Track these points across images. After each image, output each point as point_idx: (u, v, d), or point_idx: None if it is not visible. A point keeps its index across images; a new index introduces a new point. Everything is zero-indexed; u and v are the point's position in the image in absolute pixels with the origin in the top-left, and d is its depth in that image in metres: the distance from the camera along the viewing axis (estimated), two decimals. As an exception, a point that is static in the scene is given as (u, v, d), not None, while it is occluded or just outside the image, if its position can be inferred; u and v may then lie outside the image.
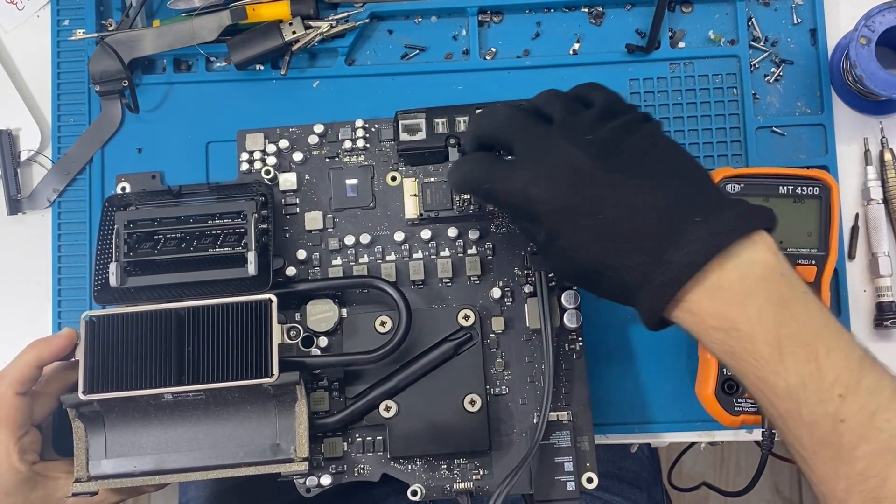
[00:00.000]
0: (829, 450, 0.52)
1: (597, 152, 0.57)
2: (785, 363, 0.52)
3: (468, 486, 0.70)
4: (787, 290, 0.54)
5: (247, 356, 0.65)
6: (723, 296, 0.53)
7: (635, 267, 0.55)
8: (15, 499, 0.65)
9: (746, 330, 0.53)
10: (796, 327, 0.53)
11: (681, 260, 0.53)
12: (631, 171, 0.56)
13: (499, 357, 0.71)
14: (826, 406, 0.51)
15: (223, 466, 0.67)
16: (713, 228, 0.53)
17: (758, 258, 0.54)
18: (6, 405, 0.64)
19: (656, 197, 0.55)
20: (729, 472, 1.60)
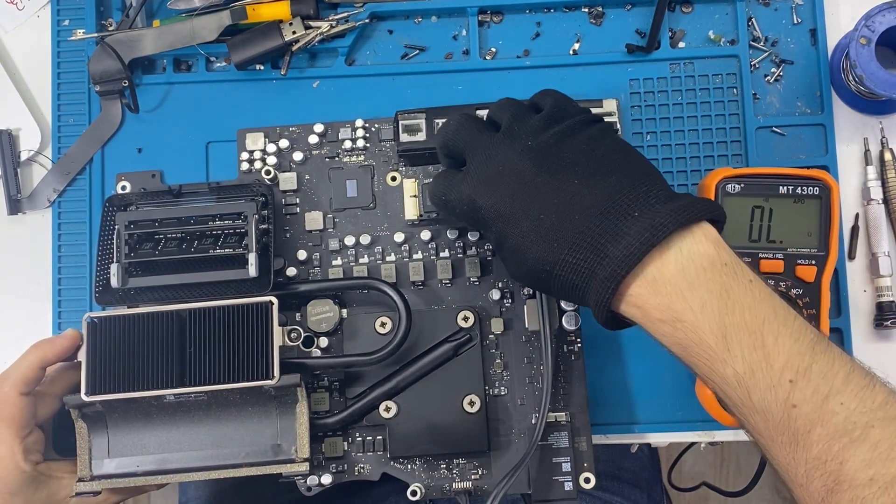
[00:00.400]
0: (784, 436, 0.52)
1: (536, 157, 0.59)
2: (731, 351, 0.53)
3: (467, 485, 0.70)
4: (730, 279, 0.54)
5: (248, 358, 0.65)
6: (665, 288, 0.54)
7: (579, 263, 0.56)
8: (19, 498, 0.65)
9: (691, 321, 0.53)
10: (741, 315, 0.53)
11: (618, 253, 0.54)
12: (569, 173, 0.58)
13: (498, 358, 0.71)
14: (777, 392, 0.52)
15: (225, 466, 0.67)
16: (650, 222, 0.54)
17: (698, 249, 0.54)
18: (10, 405, 0.64)
19: (594, 195, 0.57)
20: (729, 472, 1.60)
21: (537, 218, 0.58)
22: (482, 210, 0.60)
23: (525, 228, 0.58)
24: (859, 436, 0.50)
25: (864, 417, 0.50)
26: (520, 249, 0.58)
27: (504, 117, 0.62)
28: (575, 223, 0.56)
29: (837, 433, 0.51)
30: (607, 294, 0.55)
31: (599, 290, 0.55)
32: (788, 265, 0.70)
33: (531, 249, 0.58)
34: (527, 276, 0.60)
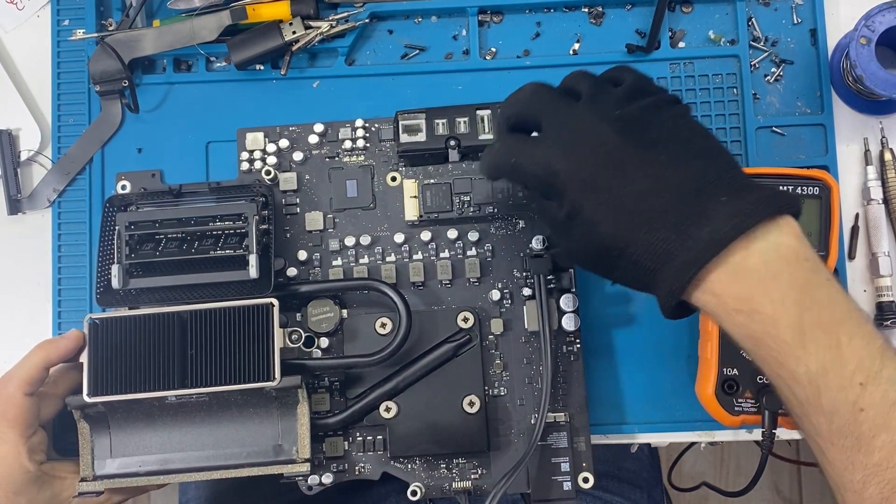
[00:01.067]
0: (847, 439, 0.51)
1: (623, 127, 0.56)
2: (807, 348, 0.51)
3: (467, 485, 0.70)
4: (811, 275, 0.53)
5: (249, 360, 0.65)
6: (746, 278, 0.52)
7: (657, 244, 0.54)
8: (23, 498, 0.65)
9: (769, 313, 0.52)
10: (819, 313, 0.52)
11: (704, 237, 0.52)
12: (657, 148, 0.56)
13: (497, 359, 0.71)
14: (846, 394, 0.51)
15: (226, 467, 0.67)
16: (738, 208, 0.52)
17: (783, 241, 0.53)
18: (15, 406, 0.64)
19: (681, 174, 0.55)
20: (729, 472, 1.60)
21: (620, 190, 0.55)
22: (560, 175, 0.56)
23: (605, 200, 0.55)
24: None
25: None
26: (593, 222, 0.56)
27: (584, 86, 0.59)
28: (659, 201, 0.54)
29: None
30: (686, 278, 0.53)
31: (678, 273, 0.53)
32: (788, 265, 0.70)
33: (606, 223, 0.55)
34: (594, 253, 0.57)
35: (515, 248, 0.73)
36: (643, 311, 0.75)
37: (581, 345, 0.71)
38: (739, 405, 0.69)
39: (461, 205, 0.72)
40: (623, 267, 0.56)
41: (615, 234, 0.55)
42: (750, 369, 0.69)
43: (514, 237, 0.73)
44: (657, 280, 0.55)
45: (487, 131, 0.72)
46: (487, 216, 0.72)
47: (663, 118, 0.58)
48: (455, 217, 0.72)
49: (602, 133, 0.56)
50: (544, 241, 0.71)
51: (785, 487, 1.61)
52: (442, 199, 0.72)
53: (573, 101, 0.59)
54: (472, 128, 0.72)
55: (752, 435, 0.75)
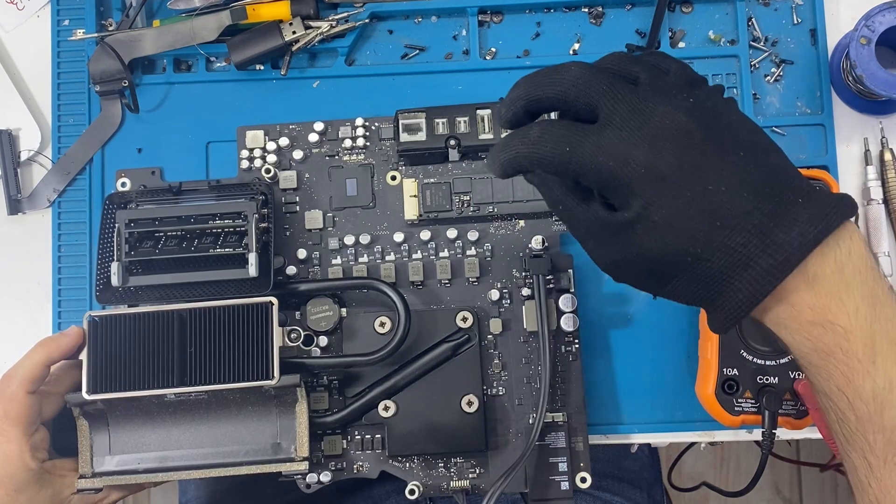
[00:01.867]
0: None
1: (701, 117, 0.49)
2: (876, 363, 0.48)
3: (464, 484, 0.70)
4: (877, 285, 0.49)
5: (248, 358, 0.66)
6: (822, 287, 0.48)
7: (737, 249, 0.48)
8: (24, 496, 0.65)
9: (844, 325, 0.48)
10: (886, 325, 0.49)
11: (790, 242, 0.47)
12: (733, 143, 0.49)
13: (496, 358, 0.71)
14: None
15: (225, 465, 0.67)
16: (819, 210, 0.48)
17: (854, 248, 0.49)
18: (17, 404, 0.64)
19: (759, 173, 0.49)
20: (729, 472, 1.60)
21: (704, 189, 0.48)
22: (633, 167, 0.48)
23: (686, 199, 0.48)
24: None
25: None
26: (670, 225, 0.48)
27: (640, 71, 0.51)
28: (743, 201, 0.47)
29: None
30: (768, 287, 0.48)
31: (757, 281, 0.48)
32: (788, 265, 0.70)
33: (685, 226, 0.48)
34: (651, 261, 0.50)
35: (515, 248, 0.73)
36: (642, 312, 0.75)
37: (580, 345, 0.72)
38: (739, 405, 0.69)
39: (461, 204, 0.72)
40: (687, 277, 0.50)
41: (693, 238, 0.48)
42: (750, 369, 0.69)
43: (513, 237, 0.73)
44: (730, 290, 0.49)
45: (487, 131, 0.72)
46: (487, 216, 0.73)
47: (730, 110, 0.51)
48: (454, 216, 0.72)
49: (682, 122, 0.49)
50: (543, 242, 0.71)
51: (785, 487, 1.61)
52: (442, 198, 0.72)
53: (634, 86, 0.51)
54: (472, 127, 0.72)
55: (752, 435, 0.75)
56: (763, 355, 0.69)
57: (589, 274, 0.75)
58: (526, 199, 0.72)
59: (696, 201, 0.48)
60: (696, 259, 0.48)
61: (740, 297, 0.49)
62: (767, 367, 0.69)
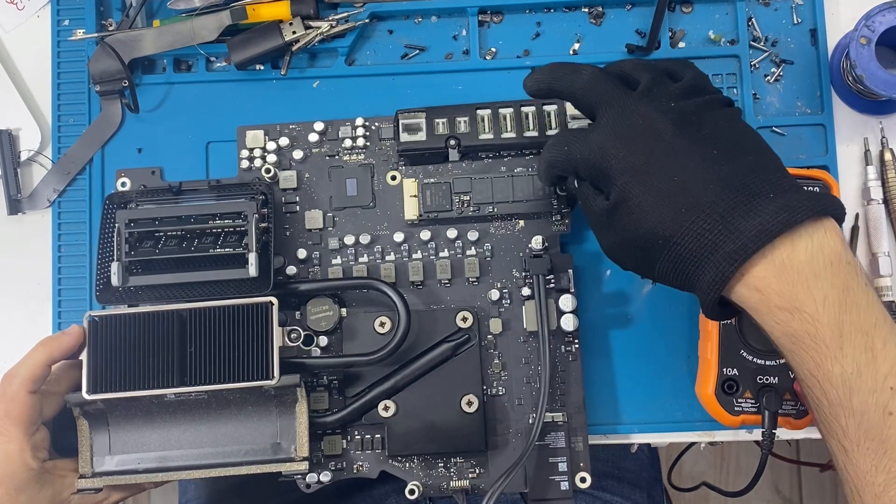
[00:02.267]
0: (873, 442, 0.52)
1: (678, 119, 0.58)
2: (843, 349, 0.52)
3: (464, 484, 0.70)
4: (850, 278, 0.54)
5: (248, 358, 0.66)
6: (791, 275, 0.53)
7: (703, 234, 0.54)
8: (24, 495, 0.65)
9: (811, 312, 0.53)
10: (857, 315, 0.53)
11: (751, 229, 0.53)
12: (708, 143, 0.57)
13: (496, 358, 0.71)
14: (878, 396, 0.52)
15: (225, 465, 0.67)
16: (786, 204, 0.53)
17: (828, 242, 0.54)
18: (19, 403, 0.64)
19: (732, 169, 0.56)
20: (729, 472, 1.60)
21: (670, 178, 0.56)
22: (612, 160, 0.58)
23: (654, 187, 0.56)
24: None
25: None
26: (642, 209, 0.56)
27: (643, 77, 0.60)
28: (709, 191, 0.55)
29: None
30: (730, 269, 0.53)
31: (721, 264, 0.54)
32: (788, 265, 0.70)
33: (654, 210, 0.56)
34: (635, 244, 0.58)
35: (515, 248, 0.73)
36: (642, 312, 0.75)
37: (580, 345, 0.71)
38: (739, 405, 0.69)
39: (461, 204, 0.72)
40: (667, 259, 0.56)
41: (663, 221, 0.56)
42: (750, 369, 0.69)
43: (513, 237, 0.73)
44: (700, 272, 0.55)
45: (487, 131, 0.72)
46: (487, 216, 0.72)
47: (717, 116, 0.59)
48: (454, 216, 0.72)
49: (656, 122, 0.57)
50: (543, 242, 0.71)
51: (785, 487, 1.61)
52: (442, 198, 0.72)
53: (630, 91, 0.60)
54: (472, 127, 0.72)
55: (752, 435, 0.75)
56: (763, 355, 0.69)
57: (589, 274, 0.75)
58: (526, 199, 0.72)
59: (665, 190, 0.56)
60: (666, 241, 0.56)
61: (709, 279, 0.55)
62: (767, 367, 0.69)
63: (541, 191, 0.72)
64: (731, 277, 0.54)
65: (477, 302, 0.72)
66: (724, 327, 0.69)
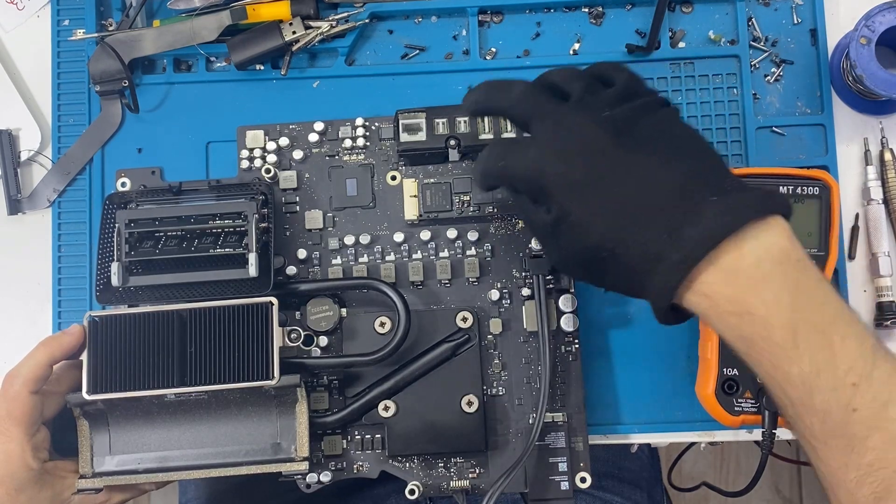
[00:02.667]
0: (840, 439, 0.51)
1: (613, 129, 0.56)
2: (799, 349, 0.51)
3: (464, 484, 0.70)
4: (802, 275, 0.53)
5: (248, 358, 0.66)
6: (739, 279, 0.52)
7: (648, 244, 0.53)
8: (24, 496, 0.65)
9: (762, 315, 0.52)
10: (811, 314, 0.52)
11: (695, 236, 0.52)
12: (646, 149, 0.55)
13: (496, 358, 0.71)
14: (839, 394, 0.51)
15: (225, 465, 0.67)
16: (729, 207, 0.52)
17: (774, 242, 0.53)
18: (21, 404, 0.64)
19: (672, 174, 0.54)
20: (729, 472, 1.60)
21: (610, 191, 0.55)
22: (550, 177, 0.56)
23: (594, 201, 0.55)
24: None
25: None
26: (583, 224, 0.55)
27: (574, 87, 0.59)
28: (650, 200, 0.54)
29: (894, 441, 0.50)
30: (677, 279, 0.53)
31: (668, 274, 0.53)
32: (788, 265, 0.70)
33: (597, 224, 0.55)
34: (581, 258, 0.57)
35: (515, 248, 0.73)
36: (642, 312, 0.75)
37: (580, 345, 0.71)
38: (739, 405, 0.69)
39: (461, 204, 0.72)
40: (614, 271, 0.56)
41: (606, 234, 0.55)
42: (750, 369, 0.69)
43: (513, 237, 0.73)
44: (649, 282, 0.54)
45: (487, 131, 0.72)
46: (487, 216, 0.73)
47: (653, 120, 0.57)
48: (455, 217, 0.72)
49: (591, 134, 0.56)
50: (544, 241, 0.71)
51: (785, 487, 1.61)
52: (442, 198, 0.72)
53: (562, 102, 0.59)
54: (472, 127, 0.72)
55: (752, 435, 0.75)
56: (763, 355, 0.69)
57: (589, 274, 0.75)
58: (526, 200, 0.72)
59: (605, 203, 0.55)
60: (611, 254, 0.55)
61: (657, 289, 0.54)
62: (767, 367, 0.69)
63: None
64: (678, 287, 0.53)
65: (477, 302, 0.72)
66: (724, 327, 0.69)
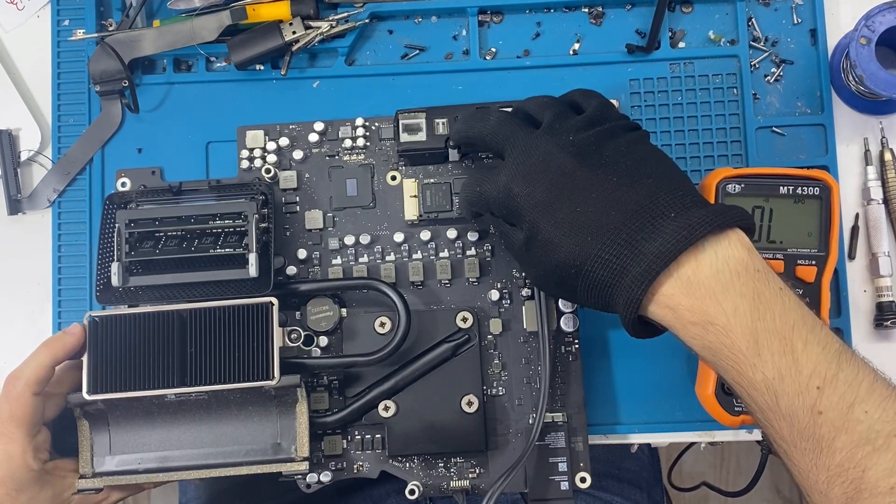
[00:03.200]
0: (808, 442, 0.52)
1: (577, 151, 0.59)
2: (762, 356, 0.53)
3: (464, 484, 0.70)
4: (762, 285, 0.55)
5: (248, 358, 0.66)
6: (698, 290, 0.54)
7: (611, 259, 0.56)
8: (24, 496, 0.65)
9: (723, 324, 0.54)
10: (772, 321, 0.53)
11: (653, 250, 0.54)
12: (609, 171, 0.59)
13: (496, 359, 0.72)
14: (804, 398, 0.52)
15: (225, 465, 0.67)
16: (686, 222, 0.55)
17: (732, 254, 0.55)
18: (23, 405, 0.64)
19: (633, 193, 0.57)
20: (729, 472, 1.60)
21: (573, 210, 0.58)
22: (518, 198, 0.60)
23: (559, 220, 0.58)
24: (882, 444, 0.51)
25: (888, 427, 0.51)
26: (551, 243, 0.58)
27: (546, 115, 0.62)
28: (611, 219, 0.56)
29: (861, 441, 0.51)
30: (639, 292, 0.55)
31: (631, 287, 0.55)
32: (789, 265, 0.70)
33: (563, 243, 0.58)
34: (553, 275, 0.60)
35: (515, 248, 0.73)
36: (643, 311, 0.75)
37: (579, 345, 0.72)
38: (739, 405, 0.69)
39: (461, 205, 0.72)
40: (583, 286, 0.58)
41: (572, 252, 0.57)
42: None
43: (513, 237, 0.73)
44: (615, 296, 0.57)
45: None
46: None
47: (618, 143, 0.60)
48: (455, 217, 0.72)
49: (557, 158, 0.59)
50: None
51: (785, 487, 1.61)
52: (442, 198, 0.72)
53: (533, 129, 0.62)
54: (471, 128, 0.72)
55: (752, 435, 0.75)
56: (763, 355, 0.69)
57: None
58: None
59: (570, 221, 0.58)
60: (578, 270, 0.57)
61: (622, 302, 0.56)
62: (767, 367, 0.69)
63: None
64: (641, 299, 0.55)
65: (477, 302, 0.72)
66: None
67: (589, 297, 0.59)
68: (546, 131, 0.61)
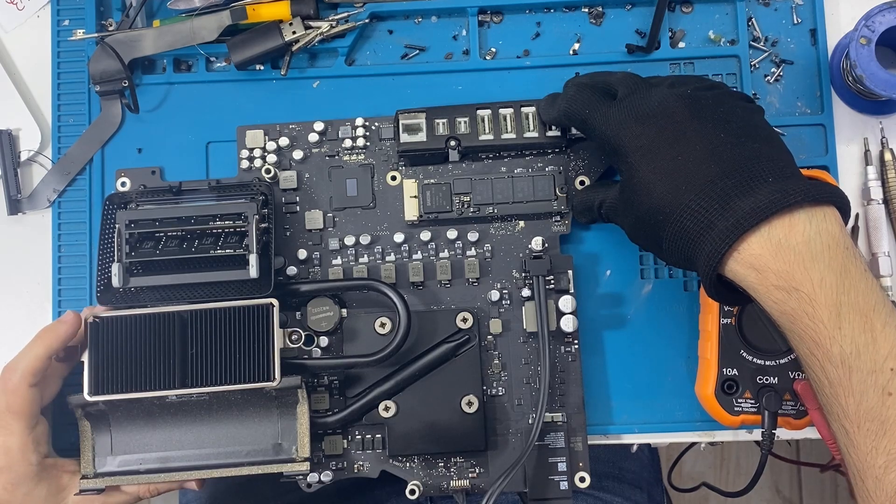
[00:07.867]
0: (873, 423, 0.53)
1: (693, 104, 0.61)
2: (842, 329, 0.53)
3: (464, 484, 0.71)
4: (849, 262, 0.55)
5: (249, 360, 0.66)
6: (788, 254, 0.54)
7: (700, 211, 0.56)
8: (22, 489, 0.65)
9: (808, 292, 0.54)
10: (856, 297, 0.54)
11: (745, 207, 0.55)
12: (718, 127, 0.59)
13: (496, 359, 0.72)
14: (877, 377, 0.53)
15: (226, 465, 0.68)
16: (783, 187, 0.55)
17: (826, 227, 0.55)
18: (20, 397, 0.64)
19: (735, 152, 0.58)
20: (729, 472, 1.60)
21: (674, 158, 0.58)
22: (624, 139, 0.61)
23: (659, 165, 0.59)
24: None
25: None
26: (646, 185, 0.59)
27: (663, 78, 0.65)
28: (709, 170, 0.57)
29: None
30: (724, 246, 0.55)
31: (716, 241, 0.55)
32: (788, 265, 0.70)
33: (656, 188, 0.59)
34: (643, 222, 0.61)
35: (515, 249, 0.73)
36: (642, 312, 0.75)
37: (579, 345, 0.72)
38: (739, 405, 0.69)
39: (461, 205, 0.72)
40: (669, 236, 0.58)
41: (664, 197, 0.58)
42: (750, 369, 0.69)
43: (513, 238, 0.73)
44: (698, 249, 0.57)
45: (487, 131, 0.72)
46: (487, 217, 0.73)
47: (734, 106, 0.62)
48: (455, 217, 0.72)
49: (673, 105, 0.61)
50: (543, 243, 0.71)
51: (785, 487, 1.61)
52: (442, 199, 0.72)
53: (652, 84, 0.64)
54: (472, 128, 0.72)
55: (752, 435, 0.75)
56: (763, 355, 0.69)
57: (588, 274, 0.75)
58: (526, 200, 0.72)
59: (667, 167, 0.58)
60: (667, 218, 0.58)
61: (705, 254, 0.56)
62: (767, 367, 0.69)
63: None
64: (725, 254, 0.55)
65: (477, 302, 0.72)
66: (723, 327, 0.69)
67: (673, 250, 0.59)
68: (668, 85, 0.63)
